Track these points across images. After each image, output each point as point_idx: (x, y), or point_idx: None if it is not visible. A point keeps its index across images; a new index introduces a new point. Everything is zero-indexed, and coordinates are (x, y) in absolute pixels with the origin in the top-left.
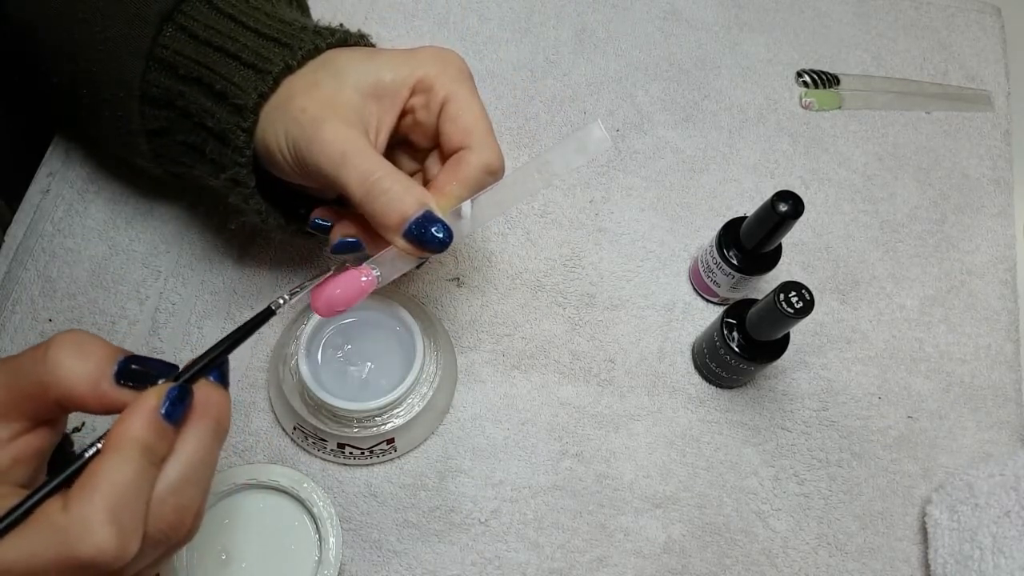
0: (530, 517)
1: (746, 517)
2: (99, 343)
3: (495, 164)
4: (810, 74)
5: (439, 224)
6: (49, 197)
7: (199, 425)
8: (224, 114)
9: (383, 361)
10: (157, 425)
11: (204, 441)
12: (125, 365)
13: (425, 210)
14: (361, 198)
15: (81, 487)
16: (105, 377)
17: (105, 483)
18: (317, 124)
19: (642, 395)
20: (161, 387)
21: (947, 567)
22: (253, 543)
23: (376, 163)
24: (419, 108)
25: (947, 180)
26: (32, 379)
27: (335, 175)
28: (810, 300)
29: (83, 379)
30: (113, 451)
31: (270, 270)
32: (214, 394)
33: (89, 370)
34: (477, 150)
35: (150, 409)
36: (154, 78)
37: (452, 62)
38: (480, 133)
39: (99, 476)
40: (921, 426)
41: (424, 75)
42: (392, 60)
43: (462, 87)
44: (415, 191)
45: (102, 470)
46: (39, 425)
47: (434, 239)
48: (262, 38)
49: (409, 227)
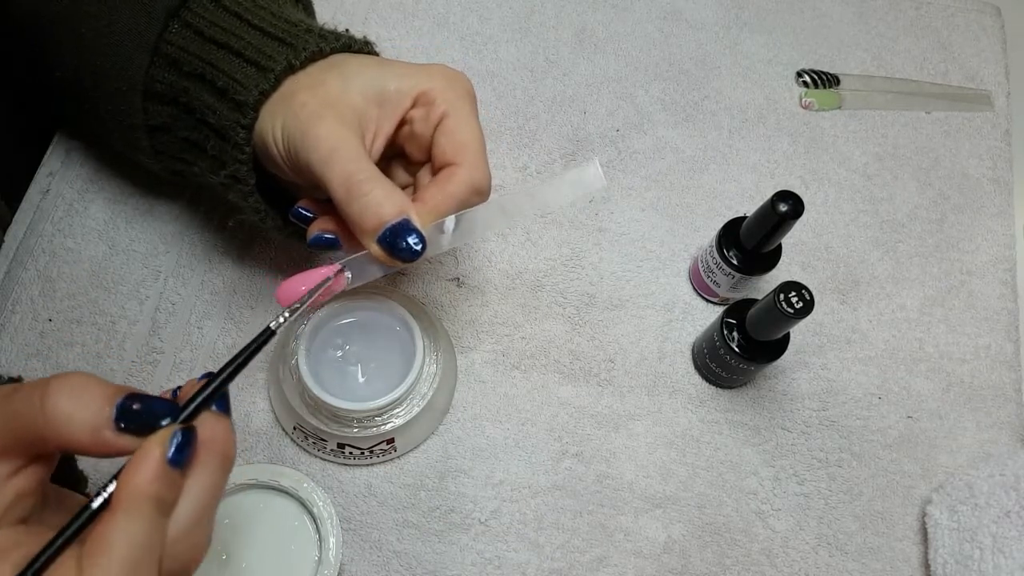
0: (530, 517)
1: (746, 517)
2: (96, 385)
3: (483, 184)
4: (810, 74)
5: (414, 234)
6: (49, 197)
7: (206, 463)
8: (225, 110)
9: (383, 361)
10: (165, 475)
11: (212, 478)
12: (125, 407)
13: (403, 218)
14: (341, 198)
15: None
16: (105, 424)
17: (119, 545)
18: (314, 120)
19: (642, 395)
20: (164, 432)
21: (947, 567)
22: (253, 543)
23: (362, 166)
24: (417, 119)
25: (947, 180)
26: (30, 427)
27: (321, 172)
28: (810, 300)
29: (82, 428)
30: (124, 510)
31: (270, 270)
32: (219, 428)
33: (88, 418)
34: (467, 167)
35: (156, 460)
36: (158, 73)
37: (458, 81)
38: (473, 152)
39: (112, 537)
40: (921, 426)
41: (429, 88)
42: (400, 71)
43: (463, 105)
44: (396, 198)
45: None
46: (35, 463)
47: (407, 248)
48: (266, 36)
49: (384, 233)
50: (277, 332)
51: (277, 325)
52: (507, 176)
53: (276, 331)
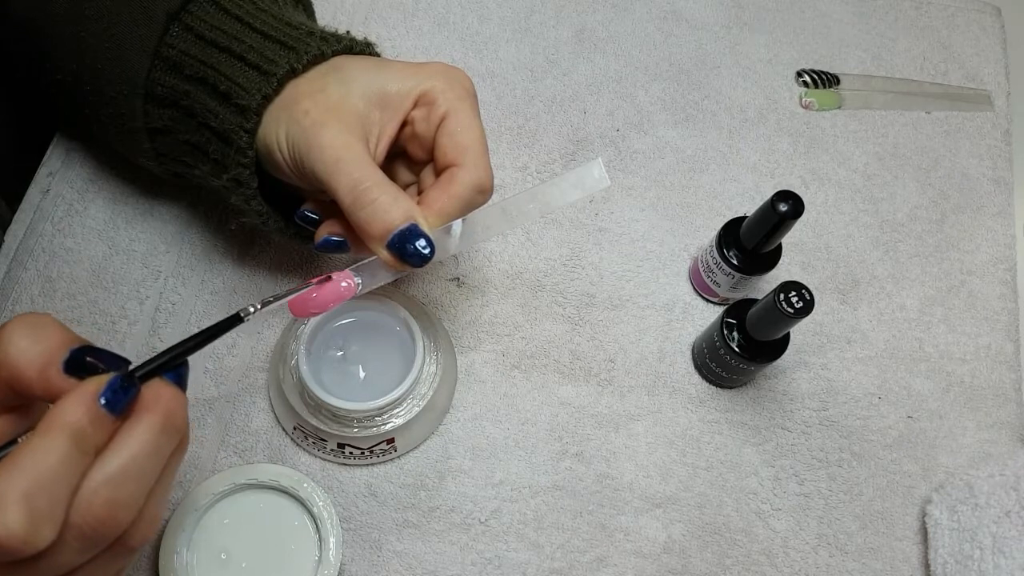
0: (530, 517)
1: (746, 517)
2: (56, 328)
3: (485, 184)
4: (810, 74)
5: (423, 238)
6: (49, 197)
7: (144, 419)
8: (227, 114)
9: (383, 361)
10: (93, 412)
11: (149, 436)
12: (77, 355)
13: (410, 223)
14: (349, 205)
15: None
16: (54, 363)
17: (24, 464)
18: (317, 128)
19: (642, 395)
20: (104, 376)
21: (947, 567)
22: (253, 543)
23: (368, 173)
24: (419, 120)
25: (947, 180)
26: None
27: (327, 180)
28: (810, 300)
29: (32, 361)
30: (41, 434)
31: (270, 270)
32: (165, 391)
33: (38, 353)
34: (469, 168)
35: (88, 394)
36: (159, 77)
37: (459, 80)
38: (474, 153)
39: (20, 457)
40: (921, 426)
41: (429, 88)
42: (400, 72)
43: (464, 104)
44: (403, 204)
45: (24, 451)
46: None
47: (416, 253)
48: (268, 40)
49: (392, 239)
50: (245, 320)
51: (247, 314)
52: (507, 176)
53: (244, 319)
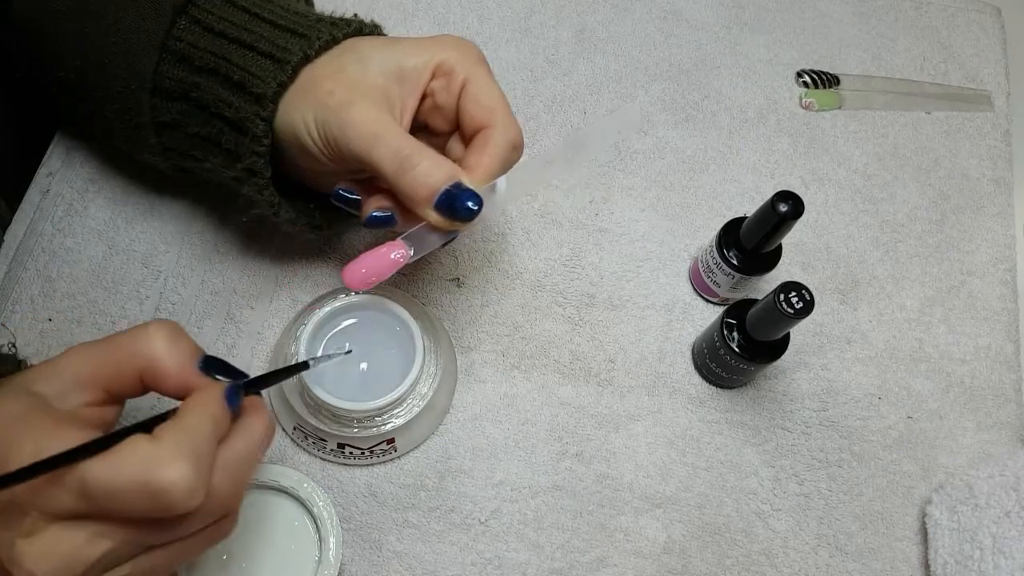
0: (530, 517)
1: (746, 517)
2: (190, 338)
3: (518, 140)
4: (810, 74)
5: (469, 193)
6: (49, 197)
7: (250, 421)
8: (242, 103)
9: (383, 361)
10: (224, 406)
11: (253, 436)
12: (210, 359)
13: (455, 181)
14: (393, 174)
15: (169, 427)
16: (190, 363)
17: (190, 427)
18: (346, 106)
19: (642, 395)
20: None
21: (947, 567)
22: (253, 543)
23: (405, 141)
24: (439, 91)
25: (947, 180)
26: (126, 349)
27: (367, 155)
28: (810, 300)
29: (173, 358)
30: (194, 408)
31: (270, 270)
32: (259, 405)
33: (179, 351)
34: (499, 127)
35: (219, 389)
36: (167, 70)
37: (470, 48)
38: (502, 112)
39: (185, 421)
40: (921, 426)
41: (444, 59)
42: (414, 46)
43: (480, 70)
44: (445, 165)
45: (187, 417)
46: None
47: (465, 208)
48: (278, 29)
49: (440, 198)
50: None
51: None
52: None
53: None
